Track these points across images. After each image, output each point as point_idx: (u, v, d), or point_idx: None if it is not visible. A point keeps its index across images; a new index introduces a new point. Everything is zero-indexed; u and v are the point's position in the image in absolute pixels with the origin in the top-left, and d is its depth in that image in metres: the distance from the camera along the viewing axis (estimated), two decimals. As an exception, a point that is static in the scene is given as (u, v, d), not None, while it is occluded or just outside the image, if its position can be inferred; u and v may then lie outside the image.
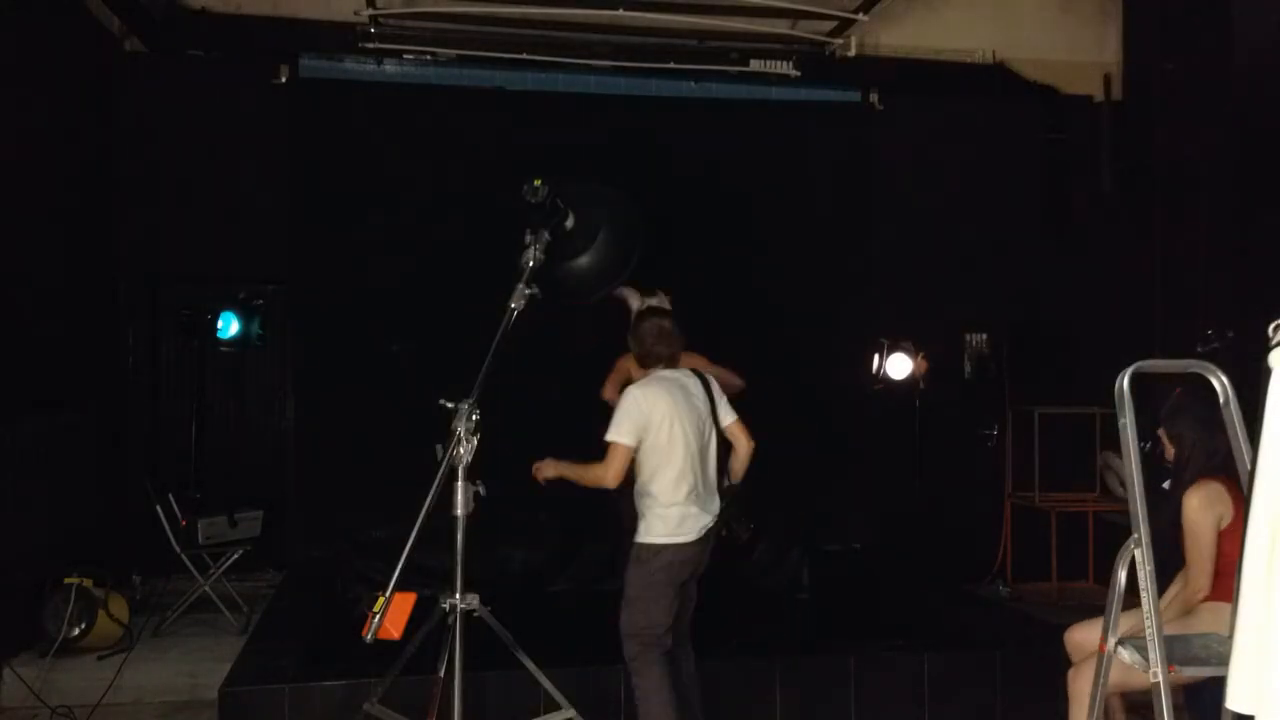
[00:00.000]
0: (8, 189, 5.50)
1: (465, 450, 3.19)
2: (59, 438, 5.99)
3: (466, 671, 3.33)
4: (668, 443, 4.06)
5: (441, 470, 3.17)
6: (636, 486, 4.14)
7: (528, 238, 3.40)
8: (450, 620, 3.30)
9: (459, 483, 3.22)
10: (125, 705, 5.11)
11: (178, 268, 7.15)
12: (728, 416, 4.28)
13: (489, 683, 4.41)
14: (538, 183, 3.39)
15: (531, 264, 3.36)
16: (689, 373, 4.28)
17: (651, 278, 5.46)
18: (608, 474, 4.01)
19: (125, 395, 7.12)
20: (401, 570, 3.11)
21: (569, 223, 3.51)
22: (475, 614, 3.34)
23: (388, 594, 3.05)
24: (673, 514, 4.07)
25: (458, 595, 3.30)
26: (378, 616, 3.01)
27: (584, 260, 3.63)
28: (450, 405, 3.22)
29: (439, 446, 3.20)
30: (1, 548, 5.21)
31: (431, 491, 3.17)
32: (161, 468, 6.88)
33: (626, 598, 4.10)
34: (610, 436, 4.00)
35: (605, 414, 4.19)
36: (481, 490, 3.28)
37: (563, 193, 3.46)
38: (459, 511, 3.26)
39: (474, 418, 3.20)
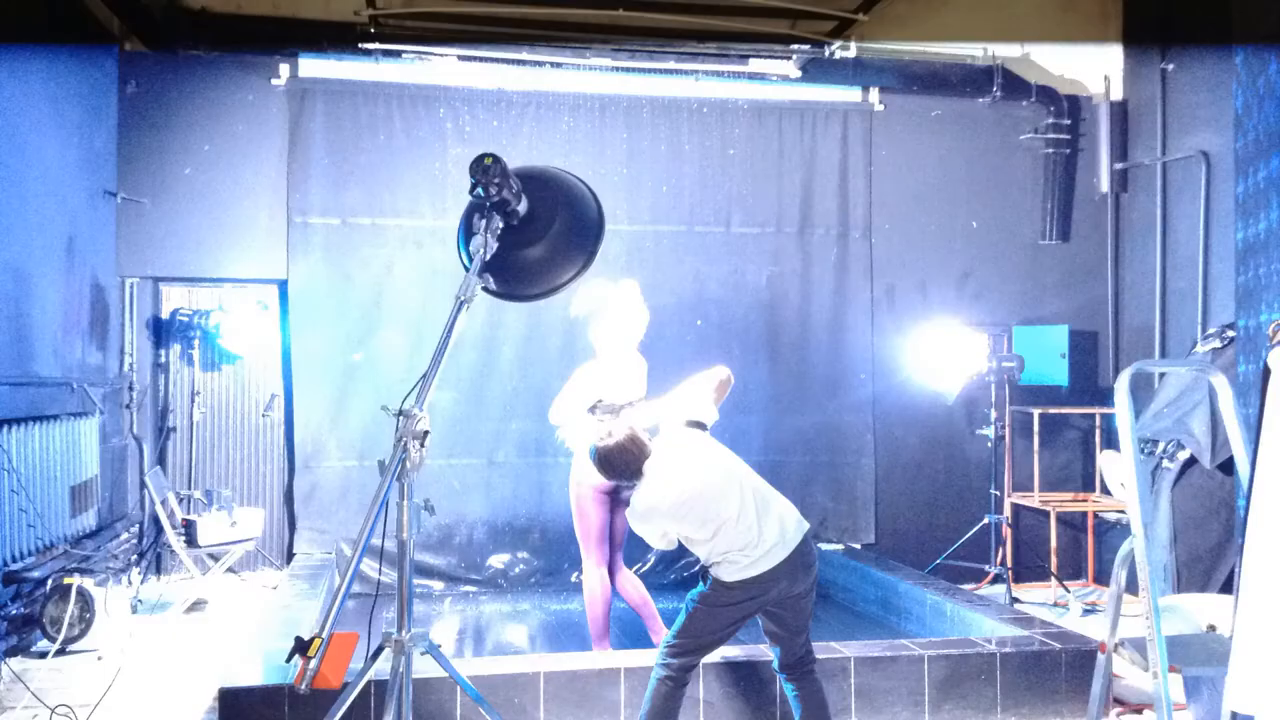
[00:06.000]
0: (7, 189, 5.50)
1: (411, 463, 2.67)
2: (59, 438, 5.99)
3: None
4: None
5: (385, 486, 2.63)
6: None
7: (476, 223, 2.93)
8: (397, 660, 2.75)
9: (405, 501, 2.72)
10: (125, 705, 5.11)
11: (178, 268, 7.17)
12: None
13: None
14: (488, 160, 2.88)
15: (482, 252, 2.90)
16: None
17: (649, 276, 5.45)
18: None
19: (125, 395, 7.12)
20: (340, 607, 2.52)
21: (521, 207, 3.01)
22: (424, 652, 2.82)
23: (324, 635, 2.50)
24: None
25: (407, 630, 2.75)
26: (314, 661, 2.44)
27: (535, 251, 3.10)
28: (392, 411, 2.70)
29: (380, 461, 2.69)
30: (1, 548, 5.21)
31: (373, 509, 2.61)
32: (161, 467, 6.90)
33: None
34: None
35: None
36: (431, 510, 2.79)
37: (517, 174, 2.98)
38: (406, 534, 2.73)
39: (420, 425, 2.67)
